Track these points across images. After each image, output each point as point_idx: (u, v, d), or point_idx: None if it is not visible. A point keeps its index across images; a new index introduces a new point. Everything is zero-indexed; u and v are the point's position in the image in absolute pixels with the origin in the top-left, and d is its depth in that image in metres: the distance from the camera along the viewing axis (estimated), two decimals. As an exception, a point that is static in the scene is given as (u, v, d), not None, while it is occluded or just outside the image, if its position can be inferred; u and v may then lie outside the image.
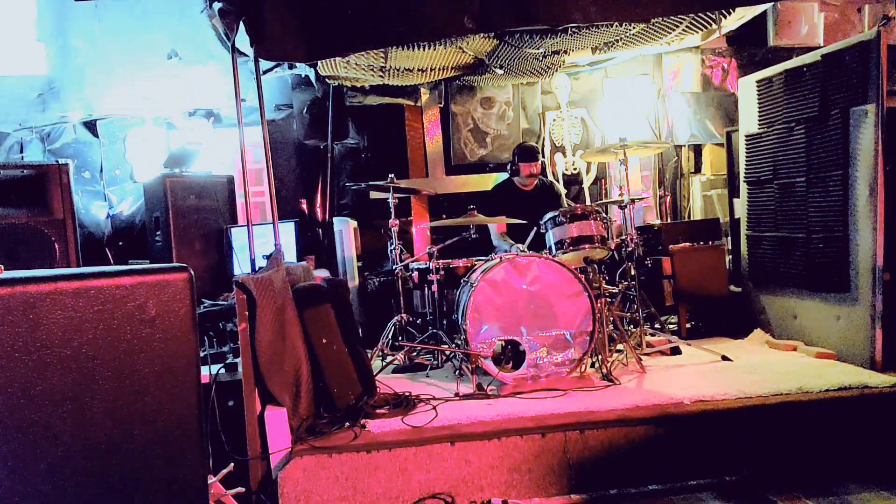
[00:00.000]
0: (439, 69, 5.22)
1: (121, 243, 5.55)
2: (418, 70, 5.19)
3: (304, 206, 5.82)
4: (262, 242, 3.54)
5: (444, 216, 5.67)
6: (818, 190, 3.93)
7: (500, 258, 3.69)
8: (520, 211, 4.66)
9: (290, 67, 5.38)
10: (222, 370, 3.19)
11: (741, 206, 4.78)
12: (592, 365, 3.74)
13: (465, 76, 5.58)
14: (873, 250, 3.41)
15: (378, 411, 3.18)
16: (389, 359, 4.26)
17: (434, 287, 4.24)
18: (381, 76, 5.25)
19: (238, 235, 4.72)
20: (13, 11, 5.44)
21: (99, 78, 5.45)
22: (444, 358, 4.15)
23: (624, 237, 4.26)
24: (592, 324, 3.59)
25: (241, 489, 2.72)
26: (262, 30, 3.07)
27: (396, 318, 4.51)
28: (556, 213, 3.98)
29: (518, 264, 3.63)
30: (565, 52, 4.96)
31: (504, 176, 4.98)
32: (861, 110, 3.56)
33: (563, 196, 5.01)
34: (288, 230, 4.68)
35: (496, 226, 4.80)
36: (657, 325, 4.57)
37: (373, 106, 5.80)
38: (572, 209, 4.02)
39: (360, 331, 3.78)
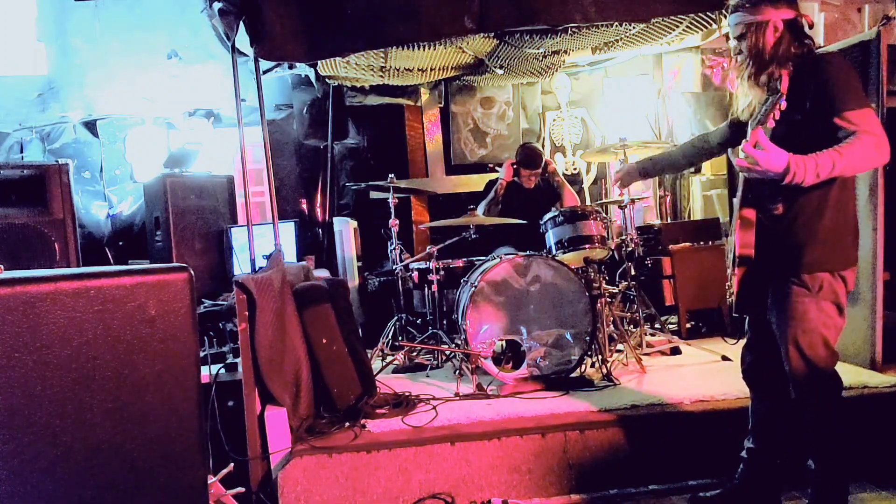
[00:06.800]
0: (439, 69, 5.22)
1: (121, 243, 5.55)
2: (418, 70, 5.19)
3: (304, 206, 5.82)
4: (262, 242, 3.55)
5: (443, 216, 5.67)
6: (818, 190, 3.91)
7: (500, 258, 3.69)
8: (518, 206, 4.66)
9: (290, 67, 5.37)
10: (222, 370, 3.19)
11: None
12: (592, 365, 3.74)
13: (465, 76, 5.58)
14: (873, 250, 3.40)
15: (378, 411, 3.18)
16: (389, 359, 4.26)
17: (434, 287, 4.23)
18: (381, 76, 5.25)
19: (238, 235, 4.72)
20: (13, 11, 5.44)
21: (99, 78, 5.45)
22: (444, 358, 4.15)
23: (624, 237, 4.26)
24: (592, 324, 3.59)
25: (241, 489, 2.72)
26: (262, 30, 3.07)
27: (396, 318, 4.50)
28: (556, 213, 3.98)
29: (518, 264, 3.63)
30: (565, 52, 4.95)
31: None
32: (861, 110, 3.54)
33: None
34: (288, 230, 4.68)
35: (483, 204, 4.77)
36: (657, 325, 4.57)
37: (373, 106, 5.80)
38: (572, 209, 4.02)
39: (360, 331, 3.78)
